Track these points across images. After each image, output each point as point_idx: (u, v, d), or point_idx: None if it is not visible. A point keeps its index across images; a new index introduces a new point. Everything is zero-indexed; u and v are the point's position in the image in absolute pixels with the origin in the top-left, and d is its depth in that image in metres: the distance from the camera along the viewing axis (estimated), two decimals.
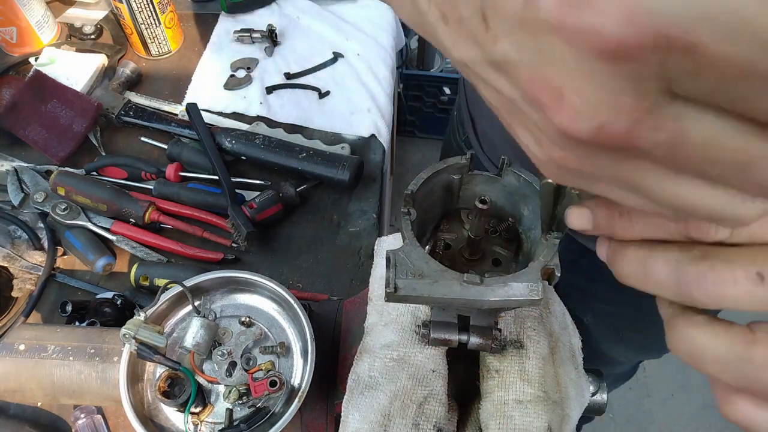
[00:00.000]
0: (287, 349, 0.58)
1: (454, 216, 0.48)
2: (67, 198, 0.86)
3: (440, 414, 0.44)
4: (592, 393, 0.54)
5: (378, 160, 0.98)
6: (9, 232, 0.86)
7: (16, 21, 1.03)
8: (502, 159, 0.42)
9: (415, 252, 0.38)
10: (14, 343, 0.61)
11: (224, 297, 0.61)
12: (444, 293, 0.36)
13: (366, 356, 0.48)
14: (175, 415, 0.56)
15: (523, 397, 0.42)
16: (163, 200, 0.88)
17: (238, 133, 0.92)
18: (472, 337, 0.43)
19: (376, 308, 0.51)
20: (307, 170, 0.89)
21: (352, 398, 0.45)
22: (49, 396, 0.62)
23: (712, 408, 1.91)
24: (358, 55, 1.10)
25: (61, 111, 0.94)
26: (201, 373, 0.56)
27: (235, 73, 1.07)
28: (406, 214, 0.40)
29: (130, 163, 0.91)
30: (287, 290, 0.58)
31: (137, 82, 1.06)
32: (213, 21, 1.16)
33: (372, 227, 0.90)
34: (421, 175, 0.42)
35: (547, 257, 0.38)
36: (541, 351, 0.45)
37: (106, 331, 0.63)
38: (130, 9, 1.00)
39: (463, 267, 0.45)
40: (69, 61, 1.04)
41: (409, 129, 2.47)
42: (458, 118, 0.93)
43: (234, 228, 0.84)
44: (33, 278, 0.82)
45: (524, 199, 0.43)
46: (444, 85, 2.17)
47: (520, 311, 0.47)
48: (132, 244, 0.85)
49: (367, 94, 1.05)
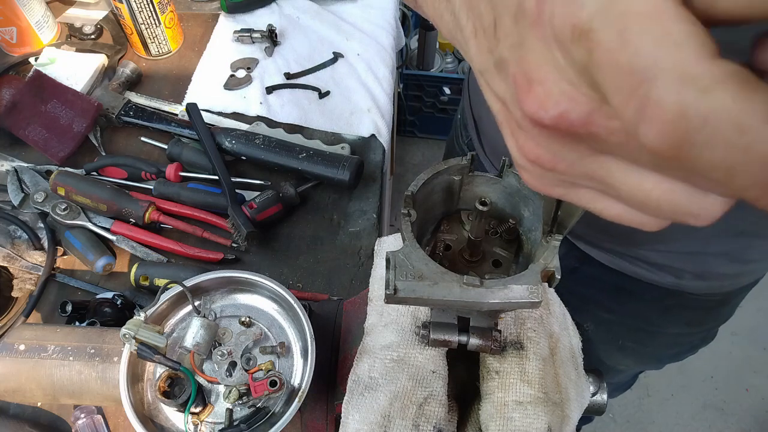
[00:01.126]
0: (287, 349, 0.58)
1: (454, 217, 0.48)
2: (67, 198, 0.86)
3: (440, 415, 0.44)
4: (592, 393, 0.54)
5: (378, 160, 0.98)
6: (9, 232, 0.86)
7: (16, 21, 1.03)
8: (503, 160, 0.42)
9: (415, 253, 0.38)
10: (14, 343, 0.61)
11: (224, 297, 0.61)
12: (444, 295, 0.36)
13: (366, 357, 0.48)
14: (175, 415, 0.56)
15: (523, 398, 0.43)
16: (163, 200, 0.88)
17: (238, 133, 0.92)
18: (472, 338, 0.43)
19: (376, 309, 0.51)
20: (307, 170, 0.89)
21: (352, 399, 0.45)
22: (49, 396, 0.62)
23: (712, 408, 1.92)
24: (358, 55, 1.10)
25: (61, 111, 0.94)
26: (201, 373, 0.56)
27: (235, 73, 1.07)
28: (407, 215, 0.40)
29: (130, 163, 0.91)
30: (287, 290, 0.58)
31: (137, 82, 1.06)
32: (213, 21, 1.16)
33: (372, 227, 0.90)
34: (421, 176, 0.42)
35: (547, 259, 0.37)
36: (541, 352, 0.45)
37: (106, 331, 0.64)
38: (130, 9, 1.00)
39: (464, 268, 0.45)
40: (69, 61, 1.04)
41: (409, 129, 2.47)
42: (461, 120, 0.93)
43: (234, 228, 0.84)
44: (33, 278, 0.82)
45: (525, 200, 0.43)
46: (444, 85, 2.17)
47: (520, 312, 0.47)
48: (132, 244, 0.85)
49: (367, 94, 1.05)
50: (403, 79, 2.16)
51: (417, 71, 2.20)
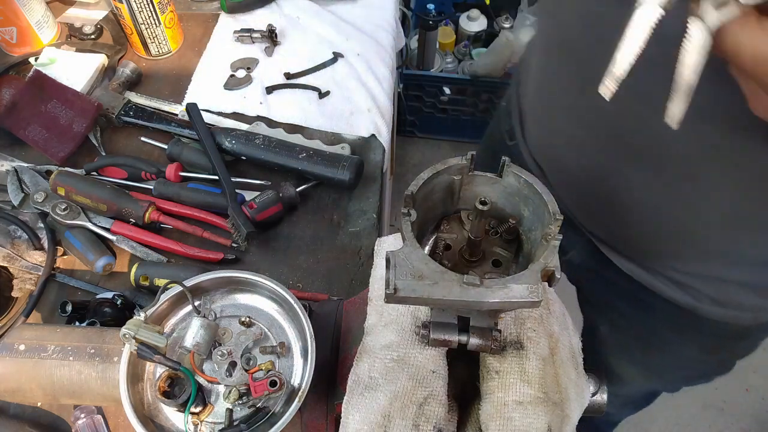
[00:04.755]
0: (287, 349, 0.58)
1: (454, 217, 0.48)
2: (67, 198, 0.86)
3: (440, 415, 0.44)
4: (592, 393, 0.54)
5: (378, 160, 0.98)
6: (9, 232, 0.86)
7: (16, 21, 1.03)
8: (503, 160, 0.42)
9: (415, 253, 0.38)
10: (14, 343, 0.61)
11: (224, 297, 0.61)
12: (443, 295, 0.36)
13: (366, 357, 0.48)
14: (175, 415, 0.56)
15: (523, 398, 0.42)
16: (163, 200, 0.88)
17: (238, 133, 0.92)
18: (472, 338, 0.43)
19: (376, 309, 0.51)
20: (307, 170, 0.89)
21: (352, 399, 0.45)
22: (49, 396, 0.62)
23: (712, 408, 1.92)
24: (358, 55, 1.10)
25: (61, 111, 0.94)
26: (201, 373, 0.56)
27: (235, 73, 1.07)
28: (407, 215, 0.40)
29: (130, 163, 0.91)
30: (287, 290, 0.58)
31: (137, 82, 1.06)
32: (213, 21, 1.16)
33: (372, 227, 0.90)
34: (421, 176, 0.42)
35: (547, 259, 0.37)
36: (541, 352, 0.45)
37: (106, 331, 0.64)
38: (130, 9, 1.00)
39: (464, 268, 0.45)
40: (69, 61, 1.04)
41: (409, 129, 2.46)
42: (506, 108, 0.94)
43: (234, 228, 0.84)
44: (33, 278, 0.82)
45: (525, 200, 0.43)
46: (444, 85, 2.17)
47: (520, 312, 0.47)
48: (132, 244, 0.85)
49: (367, 94, 1.05)
50: (403, 79, 2.16)
51: (417, 71, 2.20)
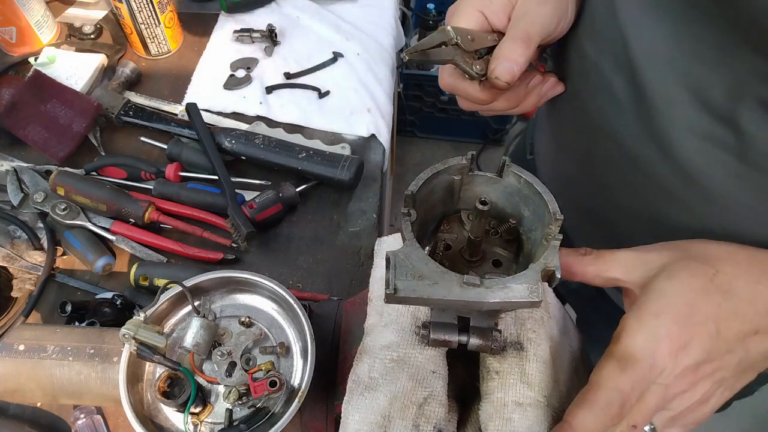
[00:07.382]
0: (287, 349, 0.58)
1: (454, 217, 0.48)
2: (67, 198, 0.86)
3: (440, 415, 0.44)
4: None
5: (378, 160, 0.97)
6: (9, 232, 0.86)
7: (15, 21, 1.03)
8: (503, 159, 0.42)
9: (415, 253, 0.38)
10: (14, 343, 0.61)
11: (224, 297, 0.61)
12: (443, 295, 0.36)
13: (366, 357, 0.48)
14: (175, 416, 0.56)
15: (523, 399, 0.42)
16: (163, 200, 0.88)
17: (238, 132, 0.92)
18: (472, 338, 0.43)
19: (376, 309, 0.51)
20: (307, 170, 0.89)
21: (352, 399, 0.45)
22: (49, 396, 0.62)
23: None
24: (358, 55, 1.10)
25: (61, 111, 0.94)
26: (201, 373, 0.56)
27: (235, 72, 1.07)
28: (407, 215, 0.40)
29: (130, 163, 0.91)
30: (287, 290, 0.58)
31: (137, 81, 1.06)
32: (213, 21, 1.16)
33: (372, 227, 0.90)
34: (421, 176, 0.42)
35: (547, 259, 0.37)
36: (541, 354, 0.45)
37: (106, 331, 0.63)
38: (129, 9, 1.00)
39: (464, 268, 0.45)
40: (69, 61, 1.03)
41: (409, 129, 2.47)
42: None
43: (234, 228, 0.84)
44: (33, 278, 0.82)
45: (525, 200, 0.43)
46: None
47: (520, 313, 0.47)
48: (132, 244, 0.85)
49: (367, 94, 1.05)
50: (403, 79, 2.16)
51: (417, 71, 2.20)
